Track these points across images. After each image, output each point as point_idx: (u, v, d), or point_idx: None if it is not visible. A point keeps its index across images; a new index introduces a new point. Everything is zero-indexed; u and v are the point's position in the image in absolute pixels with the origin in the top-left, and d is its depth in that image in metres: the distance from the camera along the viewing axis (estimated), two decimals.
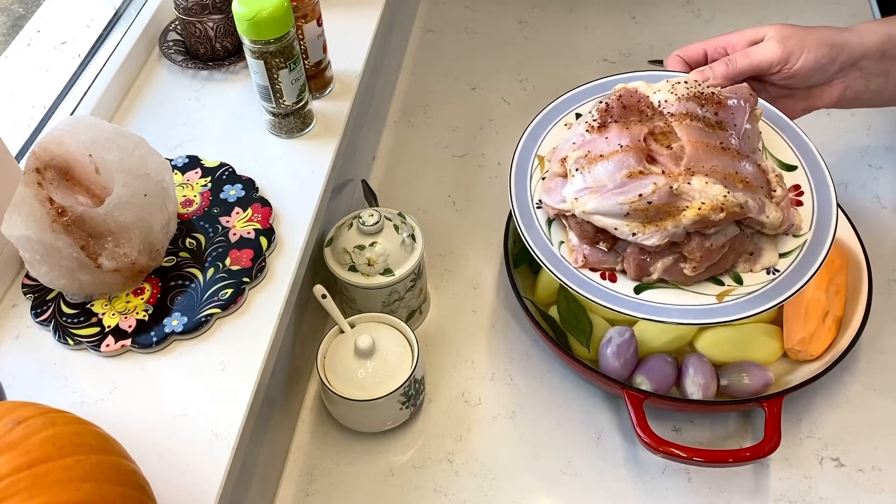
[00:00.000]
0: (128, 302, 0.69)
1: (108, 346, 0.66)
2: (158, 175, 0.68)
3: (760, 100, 0.74)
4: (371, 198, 0.91)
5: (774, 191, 0.68)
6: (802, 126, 0.76)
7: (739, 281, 0.68)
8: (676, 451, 0.71)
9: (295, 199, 0.77)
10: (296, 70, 0.77)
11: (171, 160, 0.80)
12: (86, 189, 0.68)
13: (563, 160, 0.70)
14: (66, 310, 0.69)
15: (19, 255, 0.67)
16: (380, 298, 0.81)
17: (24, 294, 0.70)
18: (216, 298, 0.69)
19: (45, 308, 0.69)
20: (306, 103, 0.81)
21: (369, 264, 0.78)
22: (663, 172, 0.65)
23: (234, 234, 0.74)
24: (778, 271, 0.68)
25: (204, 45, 0.87)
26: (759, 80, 0.77)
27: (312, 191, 0.78)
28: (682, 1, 1.26)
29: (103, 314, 0.68)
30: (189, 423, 0.63)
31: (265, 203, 0.76)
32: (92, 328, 0.67)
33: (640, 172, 0.65)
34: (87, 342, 0.67)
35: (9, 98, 0.81)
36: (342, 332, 0.78)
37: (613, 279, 0.69)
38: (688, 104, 0.69)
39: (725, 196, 0.64)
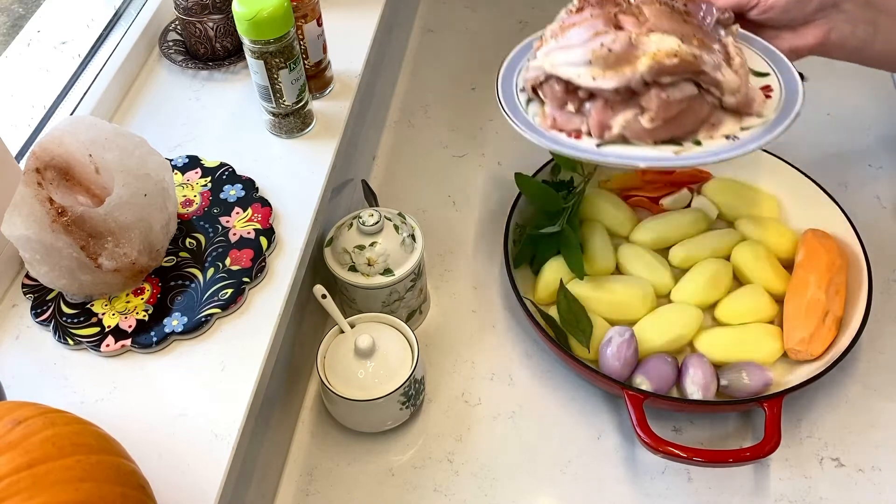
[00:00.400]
0: (128, 302, 0.69)
1: (108, 346, 0.66)
2: (158, 175, 0.68)
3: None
4: (371, 198, 0.91)
5: (733, 59, 0.71)
6: (804, 128, 0.75)
7: (698, 143, 0.71)
8: (676, 451, 0.71)
9: (295, 199, 0.77)
10: (296, 70, 0.77)
11: (171, 160, 0.80)
12: (86, 189, 0.68)
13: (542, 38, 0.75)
14: (66, 310, 0.69)
15: (19, 255, 0.67)
16: (380, 298, 0.81)
17: (24, 294, 0.70)
18: (216, 298, 0.69)
19: (45, 308, 0.69)
20: (306, 103, 0.81)
21: (369, 264, 0.78)
22: (633, 31, 0.70)
23: (234, 234, 0.74)
24: (737, 138, 0.70)
25: (204, 45, 0.87)
26: (741, 22, 0.77)
27: (312, 191, 0.78)
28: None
29: (103, 314, 0.68)
30: (189, 423, 0.63)
31: (265, 203, 0.76)
32: (92, 328, 0.67)
33: (606, 32, 0.70)
34: (87, 342, 0.67)
35: (9, 98, 0.81)
36: (342, 332, 0.78)
37: (579, 137, 0.72)
38: None
39: (679, 45, 0.68)
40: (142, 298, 0.69)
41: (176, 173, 0.79)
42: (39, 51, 0.86)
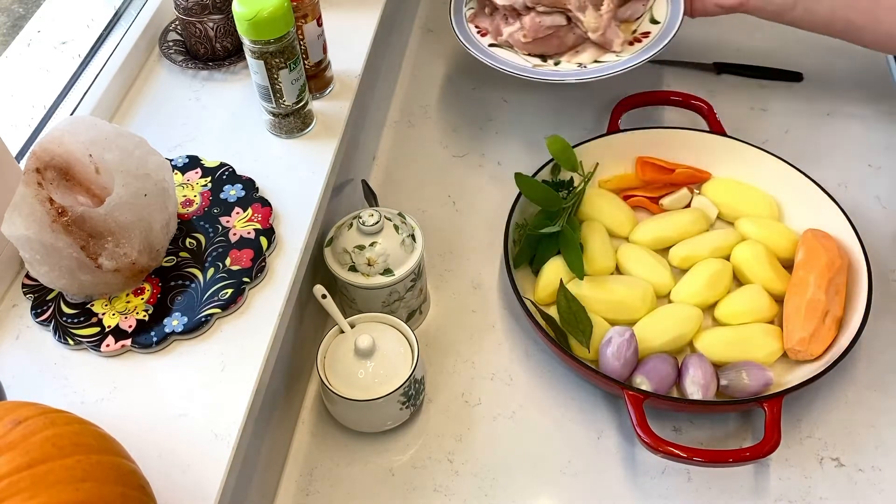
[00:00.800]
0: (128, 302, 0.69)
1: (108, 346, 0.66)
2: (158, 175, 0.68)
3: None
4: (371, 198, 0.91)
5: (602, 6, 0.89)
6: (804, 128, 0.76)
7: (558, 64, 0.92)
8: (676, 451, 0.71)
9: (295, 199, 0.77)
10: (296, 70, 0.77)
11: (171, 160, 0.80)
12: (86, 189, 0.68)
13: None
14: (66, 310, 0.69)
15: (19, 255, 0.67)
16: (380, 298, 0.81)
17: (24, 294, 0.70)
18: (216, 298, 0.69)
19: (45, 308, 0.69)
20: (306, 103, 0.81)
21: (369, 264, 0.78)
22: None
23: (235, 234, 0.74)
24: (585, 66, 0.91)
25: (204, 45, 0.87)
26: None
27: (312, 191, 0.78)
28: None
29: (103, 314, 0.68)
30: (189, 423, 0.63)
31: (265, 203, 0.76)
32: (92, 328, 0.67)
33: None
34: (88, 342, 0.67)
35: (9, 98, 0.81)
36: (342, 332, 0.78)
37: (485, 34, 0.96)
38: None
39: None
40: (142, 298, 0.69)
41: (176, 173, 0.79)
42: (39, 51, 0.86)
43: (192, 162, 0.80)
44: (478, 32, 0.95)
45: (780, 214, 0.93)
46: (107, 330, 0.67)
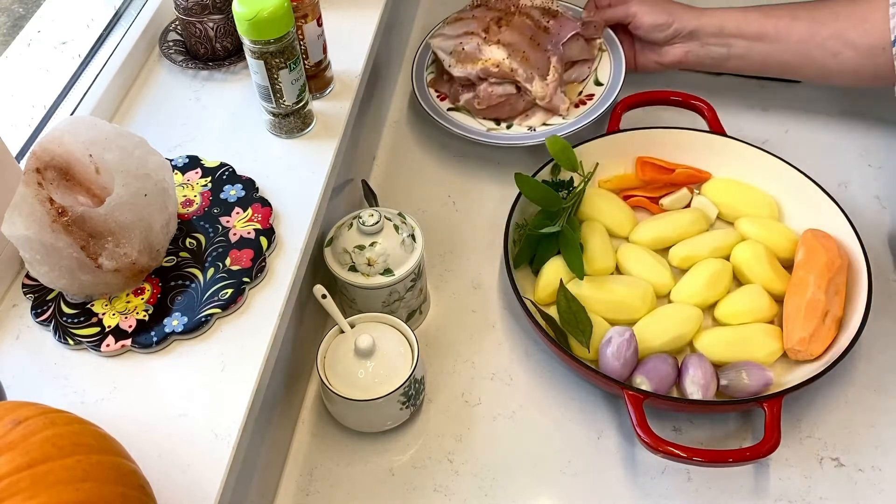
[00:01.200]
0: (128, 302, 0.69)
1: (108, 346, 0.66)
2: (158, 175, 0.68)
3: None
4: (371, 198, 0.91)
5: (548, 76, 0.97)
6: (804, 128, 0.77)
7: (510, 127, 1.00)
8: (676, 451, 0.71)
9: (295, 199, 0.77)
10: (296, 70, 0.77)
11: (171, 160, 0.80)
12: (86, 189, 0.68)
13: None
14: (66, 310, 0.69)
15: (19, 255, 0.67)
16: (380, 298, 0.81)
17: (25, 294, 0.70)
18: (216, 298, 0.69)
19: (45, 308, 0.69)
20: (306, 103, 0.81)
21: (369, 264, 0.78)
22: (485, 39, 0.99)
23: (235, 234, 0.74)
24: (535, 130, 0.99)
25: (204, 45, 0.87)
26: (628, 32, 1.05)
27: (312, 191, 0.78)
28: (682, 1, 1.25)
29: (103, 314, 0.68)
30: (189, 423, 0.63)
31: (265, 203, 0.76)
32: (92, 328, 0.67)
33: (473, 33, 1.00)
34: (88, 342, 0.67)
35: (9, 98, 0.81)
36: (342, 332, 0.78)
37: (443, 98, 1.04)
38: (534, 10, 1.03)
39: (504, 60, 0.96)
40: (142, 298, 0.69)
41: (176, 173, 0.79)
42: (40, 51, 0.86)
43: (192, 162, 0.80)
44: (437, 97, 1.03)
45: (780, 214, 0.93)
46: (107, 330, 0.67)
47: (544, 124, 0.99)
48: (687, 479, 0.76)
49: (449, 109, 1.02)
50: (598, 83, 1.03)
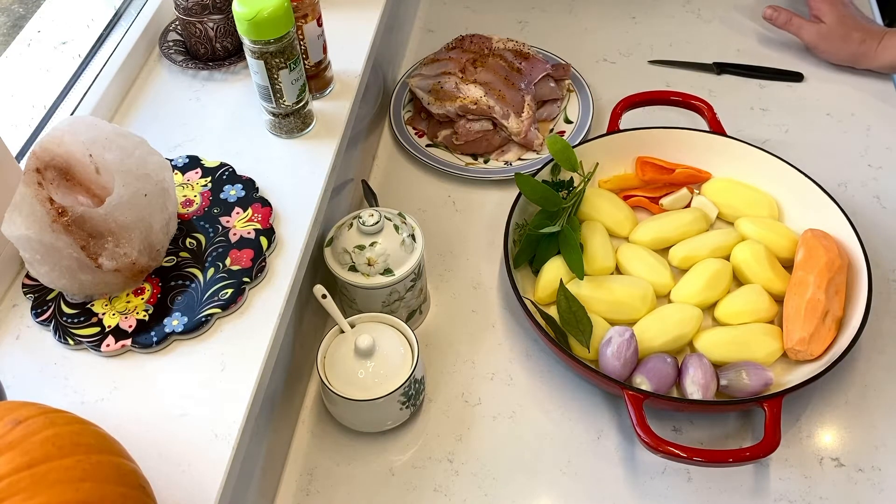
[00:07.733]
0: (128, 302, 0.69)
1: (108, 346, 0.66)
2: (158, 175, 0.68)
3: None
4: (371, 198, 0.91)
5: (523, 113, 1.02)
6: (804, 128, 0.76)
7: (487, 161, 1.04)
8: (676, 451, 0.71)
9: (295, 199, 0.77)
10: (296, 70, 0.77)
11: (171, 160, 0.80)
12: (86, 189, 0.68)
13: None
14: (66, 310, 0.69)
15: (19, 255, 0.67)
16: (380, 298, 0.81)
17: (25, 294, 0.70)
18: (216, 298, 0.69)
19: (45, 308, 0.69)
20: (306, 103, 0.81)
21: (369, 264, 0.78)
22: (462, 78, 1.03)
23: (235, 234, 0.74)
24: (510, 164, 1.03)
25: (204, 45, 0.87)
26: None
27: (312, 191, 0.78)
28: (683, 1, 1.26)
29: (103, 314, 0.68)
30: (189, 423, 0.63)
31: (265, 203, 0.76)
32: (92, 328, 0.67)
33: (450, 73, 1.04)
34: (88, 342, 0.67)
35: (9, 98, 0.81)
36: (342, 332, 0.78)
37: (421, 135, 1.07)
38: (507, 52, 1.08)
39: (481, 97, 1.01)
40: (142, 298, 0.69)
41: (176, 173, 0.79)
42: (40, 51, 0.86)
43: (192, 162, 0.80)
44: (415, 133, 1.07)
45: (779, 214, 0.93)
46: (107, 330, 0.67)
47: (519, 159, 1.03)
48: (687, 479, 0.76)
49: (427, 146, 1.05)
50: (567, 121, 1.07)
